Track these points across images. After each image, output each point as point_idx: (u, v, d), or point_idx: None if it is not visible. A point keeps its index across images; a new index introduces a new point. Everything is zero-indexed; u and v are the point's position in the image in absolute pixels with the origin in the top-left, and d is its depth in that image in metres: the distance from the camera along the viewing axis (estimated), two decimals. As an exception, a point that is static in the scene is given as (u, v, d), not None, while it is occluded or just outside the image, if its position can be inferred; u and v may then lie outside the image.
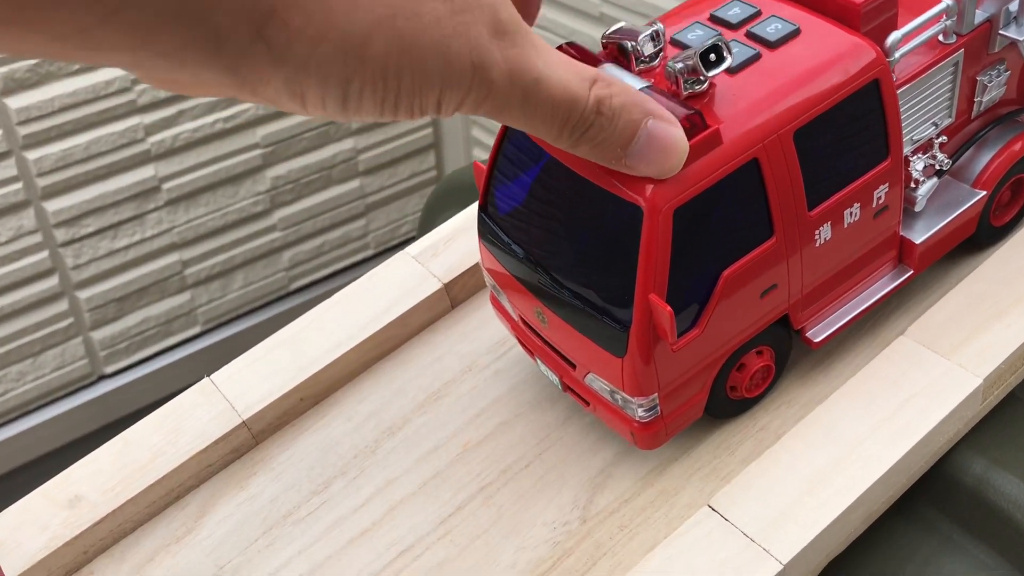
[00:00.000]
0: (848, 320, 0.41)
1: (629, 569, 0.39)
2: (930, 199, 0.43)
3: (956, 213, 0.43)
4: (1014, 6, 0.41)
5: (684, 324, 0.36)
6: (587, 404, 0.41)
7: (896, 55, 0.38)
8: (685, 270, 0.35)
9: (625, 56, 0.36)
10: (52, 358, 1.23)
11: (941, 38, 0.41)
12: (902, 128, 0.39)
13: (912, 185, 0.42)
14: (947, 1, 0.40)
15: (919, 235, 0.42)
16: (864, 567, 0.41)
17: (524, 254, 0.38)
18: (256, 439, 0.47)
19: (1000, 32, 0.42)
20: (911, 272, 0.43)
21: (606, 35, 0.37)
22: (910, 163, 0.41)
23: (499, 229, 0.40)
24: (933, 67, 0.40)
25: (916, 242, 0.42)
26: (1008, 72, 0.44)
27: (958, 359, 0.41)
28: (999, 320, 0.42)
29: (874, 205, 0.40)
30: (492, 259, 0.41)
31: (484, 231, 0.41)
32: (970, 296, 0.44)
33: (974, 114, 0.44)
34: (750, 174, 0.35)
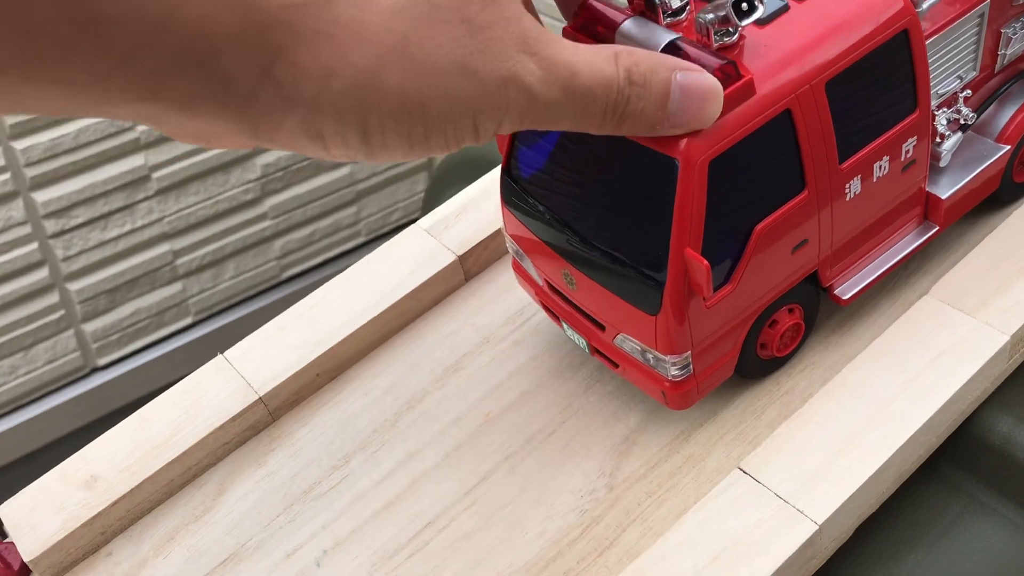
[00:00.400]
0: (876, 277, 0.41)
1: (660, 535, 0.38)
2: (954, 154, 0.42)
3: (981, 168, 0.43)
4: (1038, -44, 0.41)
5: (717, 280, 0.35)
6: (616, 366, 0.40)
7: (924, 5, 0.38)
8: (719, 224, 0.34)
9: (652, 9, 0.35)
10: (44, 351, 1.21)
11: (967, -11, 0.40)
12: (930, 80, 0.39)
13: (937, 140, 0.41)
14: (973, -50, 0.39)
15: (944, 190, 0.42)
16: (891, 530, 0.41)
17: (551, 216, 0.38)
18: (273, 416, 0.46)
19: (1024, -17, 0.41)
20: (936, 228, 0.42)
21: None
22: (935, 117, 0.41)
23: (524, 192, 0.39)
24: (960, 18, 0.40)
25: (942, 198, 0.42)
26: (1031, 25, 0.43)
27: (984, 317, 0.41)
28: (1022, 278, 0.42)
29: (902, 159, 0.39)
30: (517, 223, 0.40)
31: (508, 195, 0.40)
32: (992, 254, 0.43)
33: (997, 68, 0.43)
34: (783, 125, 0.34)
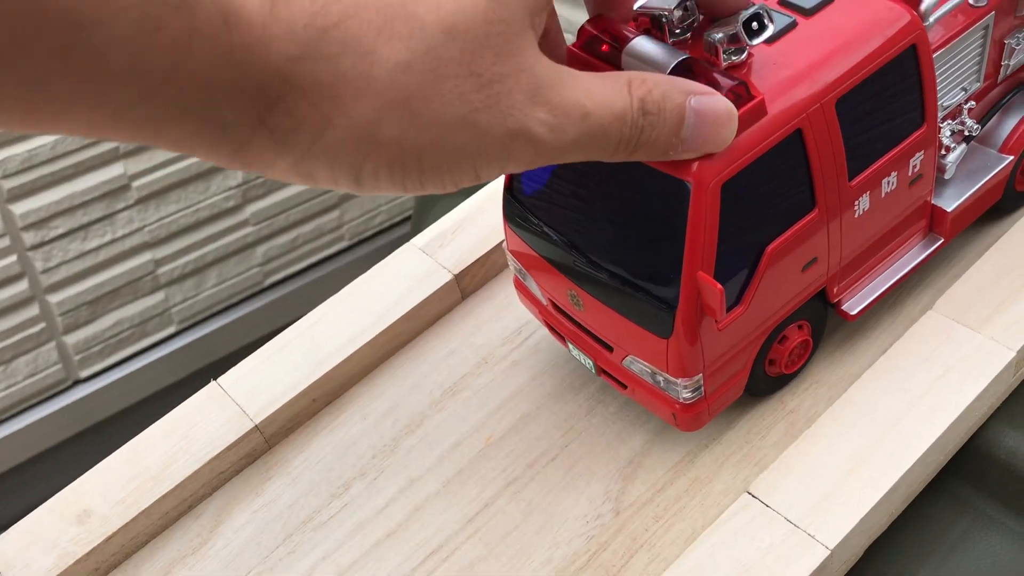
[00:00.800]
0: (883, 292, 0.41)
1: (669, 561, 0.38)
2: (958, 166, 0.42)
3: (985, 179, 0.42)
4: (1041, -34, 0.41)
5: (729, 301, 0.35)
6: (624, 387, 0.40)
7: (931, 19, 0.37)
8: (731, 246, 0.34)
9: (659, 28, 0.35)
10: (25, 364, 1.19)
11: (972, 1, 0.40)
12: (937, 94, 0.38)
13: (942, 152, 0.41)
14: (978, -38, 0.39)
15: (950, 202, 0.42)
16: (899, 547, 0.40)
17: (557, 236, 0.37)
18: (269, 443, 0.45)
19: (1028, -7, 0.41)
20: (942, 240, 0.42)
21: (638, 7, 0.35)
22: (940, 130, 0.40)
23: (527, 211, 0.38)
24: (965, 31, 0.39)
25: (948, 210, 0.41)
26: (1033, 34, 0.43)
27: (989, 332, 0.40)
28: None
29: (910, 173, 0.39)
30: (520, 242, 0.39)
31: (511, 213, 0.39)
32: (995, 268, 0.43)
33: (1000, 78, 0.43)
34: (794, 145, 0.34)
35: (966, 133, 0.41)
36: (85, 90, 0.23)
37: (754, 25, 0.33)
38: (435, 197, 0.73)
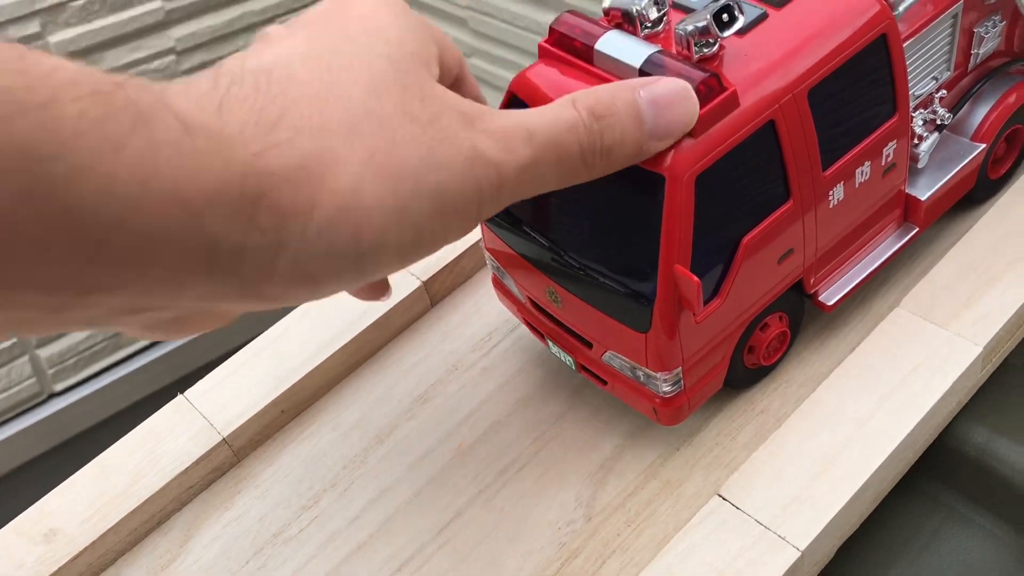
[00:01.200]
0: (859, 282, 0.40)
1: (641, 566, 0.37)
2: (931, 155, 0.42)
3: (958, 167, 0.42)
4: (1010, -47, 0.40)
5: (706, 294, 0.35)
6: (604, 383, 0.39)
7: (900, 8, 0.37)
8: (707, 238, 0.33)
9: (630, 22, 0.34)
10: (-3, 380, 1.17)
11: (941, -11, 0.39)
12: (908, 83, 0.38)
13: (915, 141, 0.40)
14: (947, -50, 0.38)
15: (923, 191, 0.41)
16: (871, 547, 0.40)
17: (534, 232, 0.37)
18: (238, 456, 0.44)
19: (997, -19, 0.40)
20: (916, 230, 0.42)
21: (609, 2, 0.35)
22: (912, 119, 0.40)
23: (505, 208, 0.37)
24: (935, 19, 0.39)
25: (922, 199, 0.41)
26: (1003, 22, 0.43)
27: (956, 328, 0.40)
28: (992, 287, 0.41)
29: (883, 163, 0.38)
30: (497, 239, 0.39)
31: None
32: (961, 264, 0.42)
33: (970, 67, 0.43)
34: (767, 136, 0.34)
35: (938, 122, 0.41)
36: (55, 238, 0.22)
37: (724, 17, 0.32)
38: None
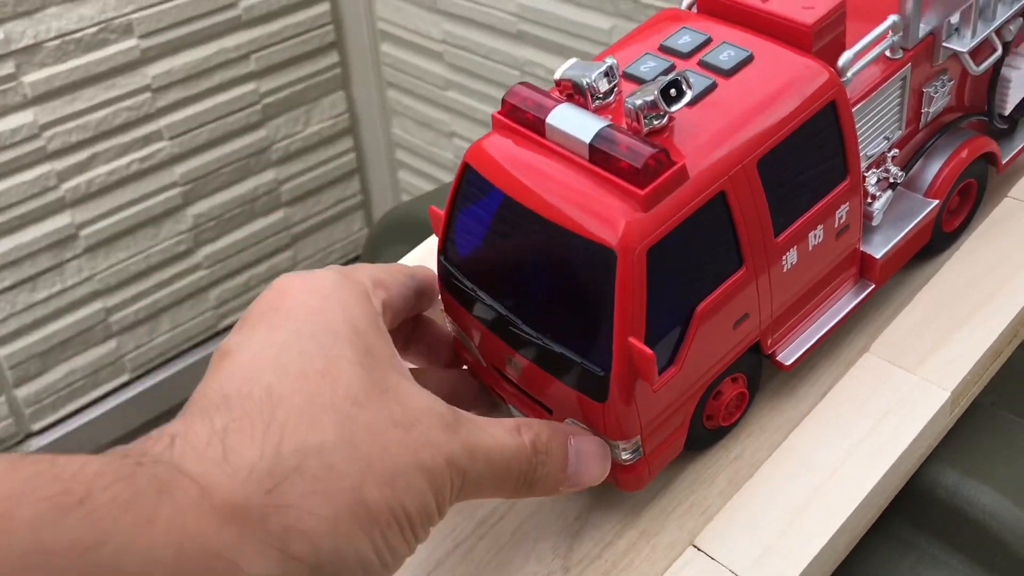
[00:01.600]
0: (816, 340, 0.41)
1: (618, 618, 0.38)
2: (886, 212, 0.43)
3: (912, 224, 0.43)
4: (955, 18, 0.42)
5: (662, 362, 0.35)
6: None
7: (849, 74, 0.38)
8: (660, 309, 0.34)
9: (581, 94, 0.35)
10: (-26, 421, 1.17)
11: (888, 53, 0.40)
12: (859, 146, 0.39)
13: (869, 200, 0.42)
14: (893, 17, 0.39)
15: (878, 249, 0.42)
16: (844, 590, 0.41)
17: (492, 301, 0.37)
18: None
19: (944, 44, 0.42)
20: (872, 287, 0.43)
21: (560, 73, 0.36)
22: (865, 179, 0.41)
23: (463, 276, 0.38)
24: (884, 83, 0.40)
25: (877, 256, 0.42)
26: (952, 81, 0.44)
27: (924, 373, 0.41)
28: (959, 331, 0.42)
29: (836, 225, 0.39)
30: (457, 307, 0.39)
31: (446, 278, 0.39)
32: (928, 309, 0.43)
33: (922, 124, 0.44)
34: (718, 207, 0.34)
35: (891, 180, 0.42)
36: None
37: (672, 92, 0.33)
38: (383, 243, 0.73)
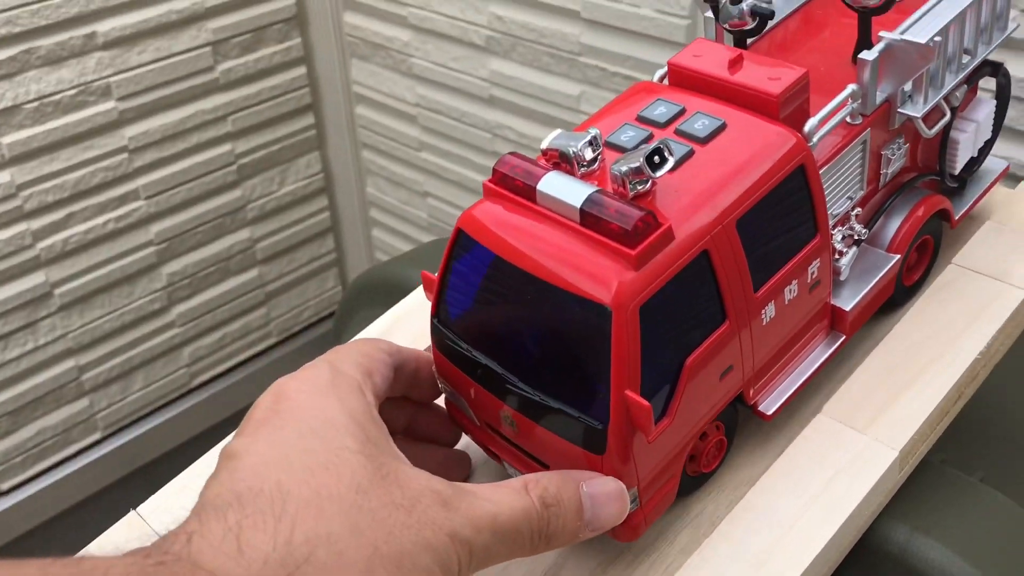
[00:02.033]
0: (795, 390, 0.43)
1: None
2: (852, 267, 0.45)
3: (877, 278, 0.46)
4: (908, 86, 0.45)
5: (656, 414, 0.37)
6: None
7: (815, 139, 0.41)
8: (653, 363, 0.36)
9: (568, 162, 0.37)
10: (-56, 482, 1.16)
11: (849, 119, 0.44)
12: (827, 205, 0.42)
13: (836, 256, 0.44)
14: (852, 86, 0.43)
15: (847, 302, 0.45)
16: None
17: (487, 360, 0.39)
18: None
19: (899, 110, 0.45)
20: (844, 338, 0.45)
21: (547, 143, 0.38)
22: (832, 236, 0.44)
23: (457, 337, 0.40)
24: (846, 147, 0.43)
25: (847, 309, 0.45)
26: (907, 144, 0.47)
27: (874, 433, 0.43)
28: (906, 392, 0.44)
29: (809, 280, 0.42)
30: (451, 368, 0.41)
31: (440, 340, 0.41)
32: (878, 370, 0.45)
33: (881, 184, 0.47)
34: (702, 265, 0.37)
35: (856, 237, 0.45)
36: None
37: (656, 158, 0.36)
38: (356, 306, 0.74)
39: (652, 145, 0.36)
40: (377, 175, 1.32)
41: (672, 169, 0.37)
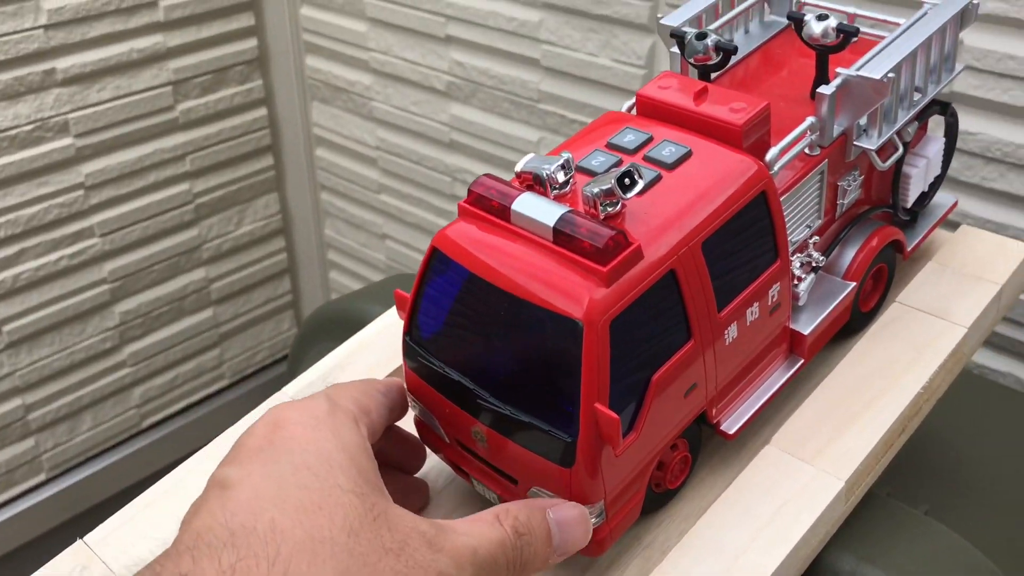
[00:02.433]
0: (756, 411, 0.44)
1: None
2: (810, 293, 0.47)
3: (834, 304, 0.47)
4: (864, 120, 0.47)
5: (623, 428, 0.37)
6: None
7: (776, 168, 0.42)
8: (621, 377, 0.37)
9: (541, 184, 0.39)
10: None
11: (807, 151, 0.45)
12: (787, 231, 0.43)
13: (795, 282, 0.46)
14: (811, 119, 0.44)
15: (806, 327, 0.46)
16: None
17: (459, 376, 0.39)
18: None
19: (854, 143, 0.47)
20: (802, 361, 0.47)
21: (521, 166, 0.39)
22: (791, 262, 0.45)
23: (429, 354, 0.41)
24: (805, 176, 0.45)
25: (805, 333, 0.46)
26: (862, 176, 0.49)
27: (821, 464, 0.44)
28: (853, 425, 0.46)
29: (770, 303, 0.43)
30: (422, 385, 0.41)
31: (411, 356, 0.42)
32: (825, 403, 0.47)
33: (838, 214, 0.49)
34: (669, 284, 0.38)
35: (814, 264, 0.47)
36: None
37: (627, 181, 0.37)
38: (310, 341, 0.74)
39: (623, 168, 0.37)
40: (336, 217, 1.33)
41: (641, 192, 0.39)
